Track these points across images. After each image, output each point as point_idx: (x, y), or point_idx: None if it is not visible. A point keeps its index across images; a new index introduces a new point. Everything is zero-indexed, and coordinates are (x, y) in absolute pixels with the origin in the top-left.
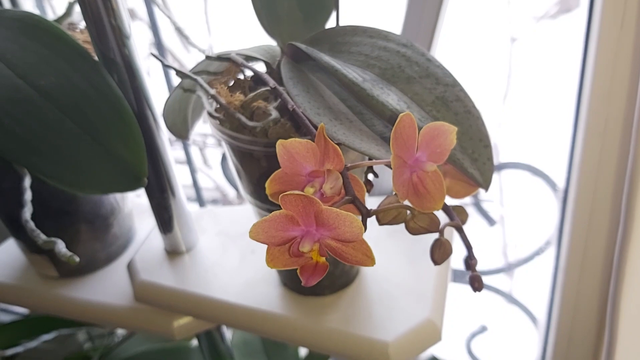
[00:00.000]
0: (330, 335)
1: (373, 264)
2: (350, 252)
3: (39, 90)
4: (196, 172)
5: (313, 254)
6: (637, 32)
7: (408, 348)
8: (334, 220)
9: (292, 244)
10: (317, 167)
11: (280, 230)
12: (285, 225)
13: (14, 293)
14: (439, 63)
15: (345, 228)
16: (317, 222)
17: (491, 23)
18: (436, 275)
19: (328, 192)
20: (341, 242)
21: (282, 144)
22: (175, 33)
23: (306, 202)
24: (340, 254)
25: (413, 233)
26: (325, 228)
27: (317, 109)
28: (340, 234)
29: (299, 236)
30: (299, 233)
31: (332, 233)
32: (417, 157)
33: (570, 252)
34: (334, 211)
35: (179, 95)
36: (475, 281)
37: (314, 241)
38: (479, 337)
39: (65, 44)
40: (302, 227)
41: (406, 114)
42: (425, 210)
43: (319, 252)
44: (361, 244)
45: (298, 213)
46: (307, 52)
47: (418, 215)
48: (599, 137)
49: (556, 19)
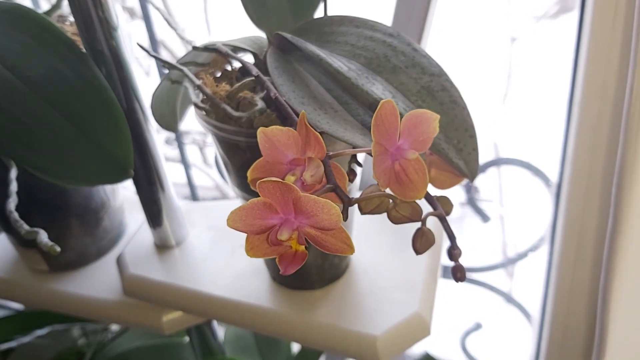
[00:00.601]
0: (319, 329)
1: (352, 252)
2: (329, 240)
3: (26, 82)
4: (190, 169)
5: (292, 243)
6: (627, 21)
7: (396, 342)
8: (312, 208)
9: (270, 232)
10: (298, 155)
11: (259, 219)
12: (263, 213)
13: (5, 287)
14: (425, 53)
15: (323, 215)
16: (296, 209)
17: (491, 22)
18: (426, 270)
19: (309, 180)
20: (320, 230)
21: (264, 132)
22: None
23: (284, 189)
24: (319, 242)
25: (395, 222)
26: (303, 215)
27: (302, 98)
28: (318, 221)
29: (278, 224)
30: (278, 221)
31: (310, 221)
32: (399, 145)
33: (564, 248)
34: (312, 198)
35: (166, 87)
36: (458, 271)
37: (293, 229)
38: (474, 334)
39: (53, 35)
40: (280, 215)
41: (387, 101)
42: (407, 199)
43: (297, 240)
44: (340, 232)
45: (276, 200)
46: (293, 42)
47: (400, 204)
48: (592, 130)
49: (556, 18)
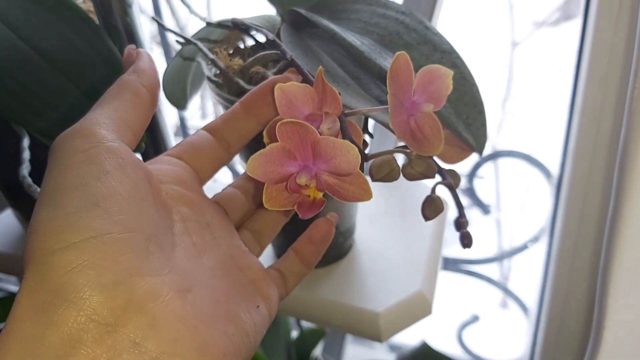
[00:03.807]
0: (321, 305)
1: (370, 198)
2: (347, 187)
3: (40, 52)
4: None
5: (310, 191)
6: (632, 17)
7: (398, 319)
8: (330, 150)
9: (289, 180)
10: (315, 111)
11: (278, 165)
12: (282, 159)
13: (9, 262)
14: (436, 31)
15: (342, 158)
16: (314, 154)
17: (492, 27)
18: (428, 250)
19: (325, 133)
20: (338, 176)
21: (281, 88)
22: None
23: (303, 132)
24: (337, 190)
25: (410, 178)
26: (322, 160)
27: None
28: (337, 164)
29: (296, 172)
30: (296, 169)
31: (329, 165)
32: (414, 99)
33: (562, 241)
34: (331, 140)
35: (178, 64)
36: (465, 238)
37: (311, 175)
38: (470, 326)
39: (69, 8)
40: (299, 162)
41: (401, 53)
42: (423, 153)
43: (316, 187)
44: (358, 176)
45: (295, 145)
46: (307, 17)
47: (415, 161)
48: (594, 121)
49: (557, 26)
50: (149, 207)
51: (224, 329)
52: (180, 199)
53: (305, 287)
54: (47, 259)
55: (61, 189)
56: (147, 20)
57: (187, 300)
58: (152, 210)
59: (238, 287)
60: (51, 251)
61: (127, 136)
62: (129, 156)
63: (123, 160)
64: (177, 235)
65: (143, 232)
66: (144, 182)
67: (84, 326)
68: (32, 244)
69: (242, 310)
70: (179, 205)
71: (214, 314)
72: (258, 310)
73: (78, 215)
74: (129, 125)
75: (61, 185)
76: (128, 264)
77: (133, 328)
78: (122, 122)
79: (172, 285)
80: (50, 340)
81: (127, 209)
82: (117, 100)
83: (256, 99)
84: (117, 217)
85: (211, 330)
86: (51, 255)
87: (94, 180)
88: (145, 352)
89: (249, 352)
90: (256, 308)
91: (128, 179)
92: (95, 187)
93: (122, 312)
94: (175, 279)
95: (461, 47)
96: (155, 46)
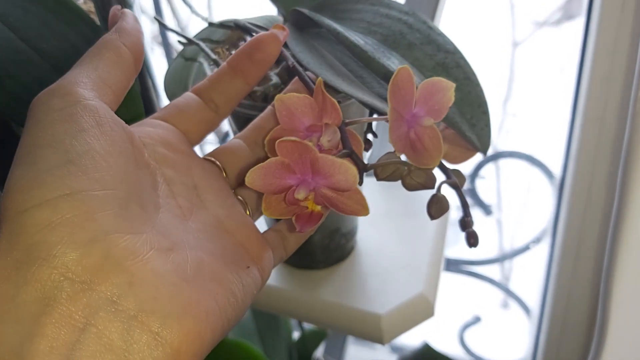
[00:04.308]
0: (323, 307)
1: (367, 214)
2: (345, 202)
3: (40, 53)
4: None
5: (309, 203)
6: (636, 16)
7: (400, 321)
8: (329, 168)
9: (288, 192)
10: (315, 122)
11: (277, 178)
12: (281, 172)
13: None
14: (440, 31)
15: (340, 176)
16: (313, 170)
17: (494, 26)
18: (431, 252)
19: (325, 145)
20: (336, 191)
21: (281, 99)
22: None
23: (302, 149)
24: (335, 203)
25: (409, 189)
26: (320, 176)
27: (320, 64)
28: (335, 182)
29: (295, 185)
30: (295, 182)
31: (327, 181)
32: (414, 112)
33: (565, 242)
34: (329, 159)
35: (180, 65)
36: (471, 237)
37: (310, 189)
38: (472, 328)
39: (68, 8)
40: (297, 176)
41: (403, 67)
42: (422, 166)
43: (314, 200)
44: (355, 193)
45: (294, 160)
46: (310, 17)
47: (415, 171)
48: (597, 121)
49: (558, 26)
50: (129, 166)
51: (208, 288)
52: (165, 161)
53: (306, 288)
54: (19, 217)
55: (35, 147)
56: (149, 20)
57: (168, 259)
58: (133, 170)
59: (226, 248)
60: (24, 209)
61: (107, 95)
62: (107, 114)
63: (101, 119)
64: (161, 197)
65: (123, 190)
66: (124, 141)
67: (58, 284)
68: (5, 203)
69: (229, 270)
70: (163, 167)
71: (197, 273)
72: (247, 271)
73: (51, 172)
74: (109, 84)
75: (35, 144)
76: (105, 221)
77: (110, 286)
78: (101, 81)
79: (153, 243)
80: (23, 298)
81: (104, 166)
82: (97, 60)
83: (243, 58)
84: (94, 175)
85: (193, 288)
86: (24, 213)
87: (69, 138)
88: (123, 310)
89: (236, 312)
90: (245, 269)
91: (106, 137)
92: (70, 144)
93: (97, 269)
94: (156, 238)
95: (462, 47)
96: (156, 46)
